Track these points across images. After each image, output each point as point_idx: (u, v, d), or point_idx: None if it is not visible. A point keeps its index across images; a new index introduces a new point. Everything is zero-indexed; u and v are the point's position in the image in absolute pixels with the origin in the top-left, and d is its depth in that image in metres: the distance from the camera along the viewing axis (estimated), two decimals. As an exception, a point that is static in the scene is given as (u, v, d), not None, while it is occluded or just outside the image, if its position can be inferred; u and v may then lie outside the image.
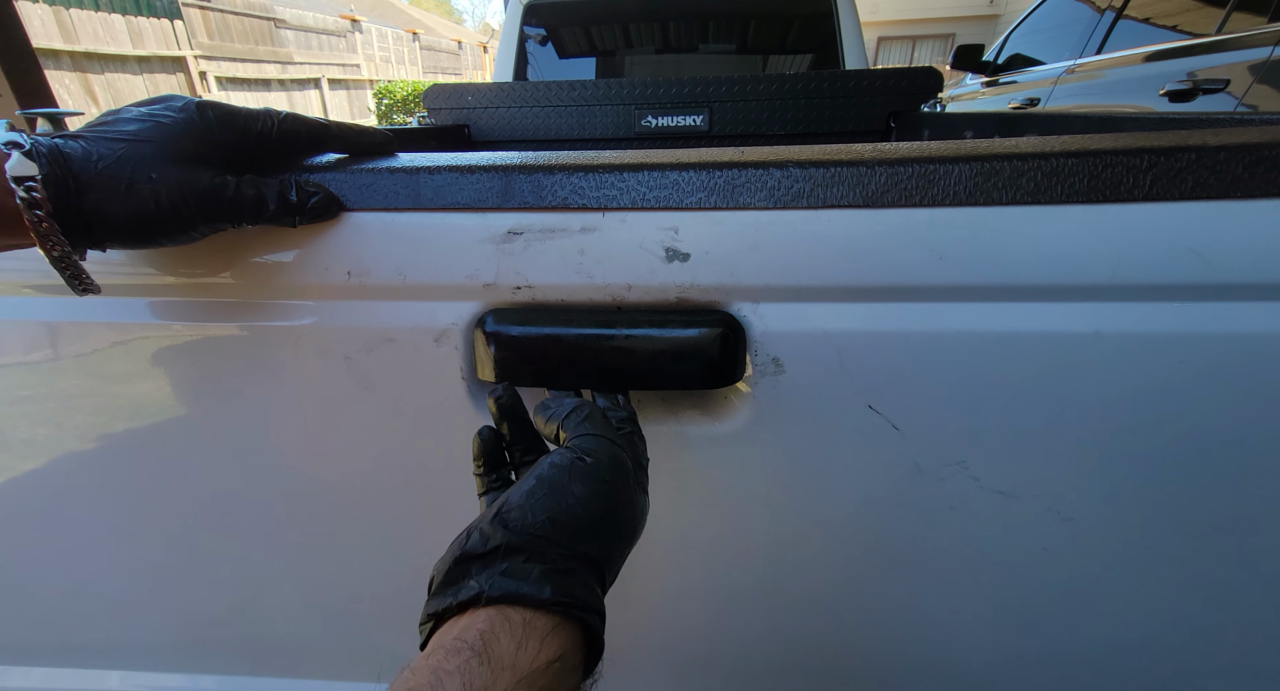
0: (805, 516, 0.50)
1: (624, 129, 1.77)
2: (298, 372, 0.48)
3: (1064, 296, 0.39)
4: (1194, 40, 2.11)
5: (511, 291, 0.43)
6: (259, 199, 0.39)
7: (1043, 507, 0.46)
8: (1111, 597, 0.49)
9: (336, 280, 0.44)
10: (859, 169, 0.39)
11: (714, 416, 0.48)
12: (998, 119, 1.15)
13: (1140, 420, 0.42)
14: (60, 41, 5.97)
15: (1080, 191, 0.37)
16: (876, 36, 14.74)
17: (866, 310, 0.42)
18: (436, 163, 0.43)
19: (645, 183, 0.41)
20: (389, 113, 9.65)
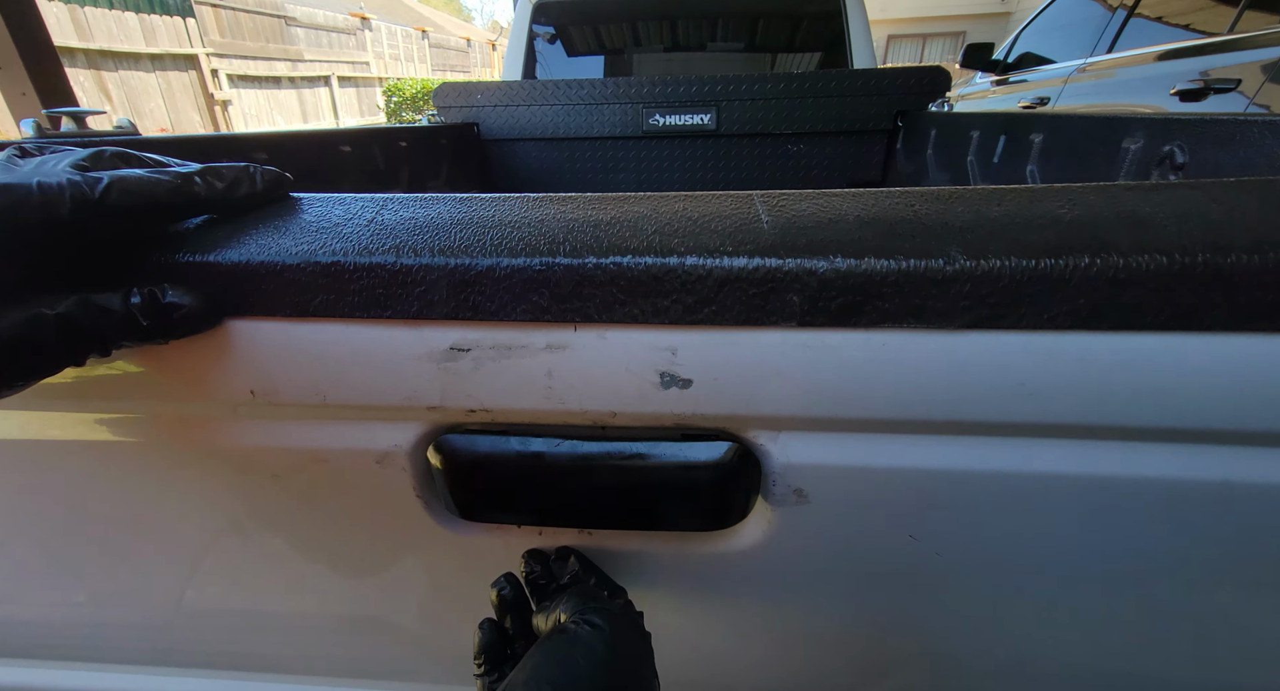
0: (827, 636, 0.45)
1: (631, 127, 1.78)
2: (223, 490, 0.41)
3: (1187, 439, 0.32)
4: (1205, 39, 2.09)
5: (464, 413, 0.35)
6: (98, 329, 0.28)
7: (1094, 652, 0.41)
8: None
9: (242, 398, 0.35)
10: (934, 267, 0.29)
11: (724, 537, 0.41)
12: (1004, 119, 1.15)
13: (1245, 567, 0.36)
14: (75, 39, 6.04)
15: (1247, 316, 0.28)
16: (886, 34, 14.65)
17: (925, 443, 0.34)
18: (346, 246, 0.32)
19: (628, 289, 0.31)
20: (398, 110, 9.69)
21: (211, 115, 7.78)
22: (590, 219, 0.34)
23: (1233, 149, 0.66)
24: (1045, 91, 3.01)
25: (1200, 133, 0.70)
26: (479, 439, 0.36)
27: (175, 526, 0.44)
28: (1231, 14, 2.06)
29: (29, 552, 0.47)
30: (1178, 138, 0.73)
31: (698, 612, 0.45)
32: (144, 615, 0.50)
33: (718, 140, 1.80)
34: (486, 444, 0.36)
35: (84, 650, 0.54)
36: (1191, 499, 0.33)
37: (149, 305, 0.29)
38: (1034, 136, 1.05)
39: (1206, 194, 0.33)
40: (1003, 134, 1.16)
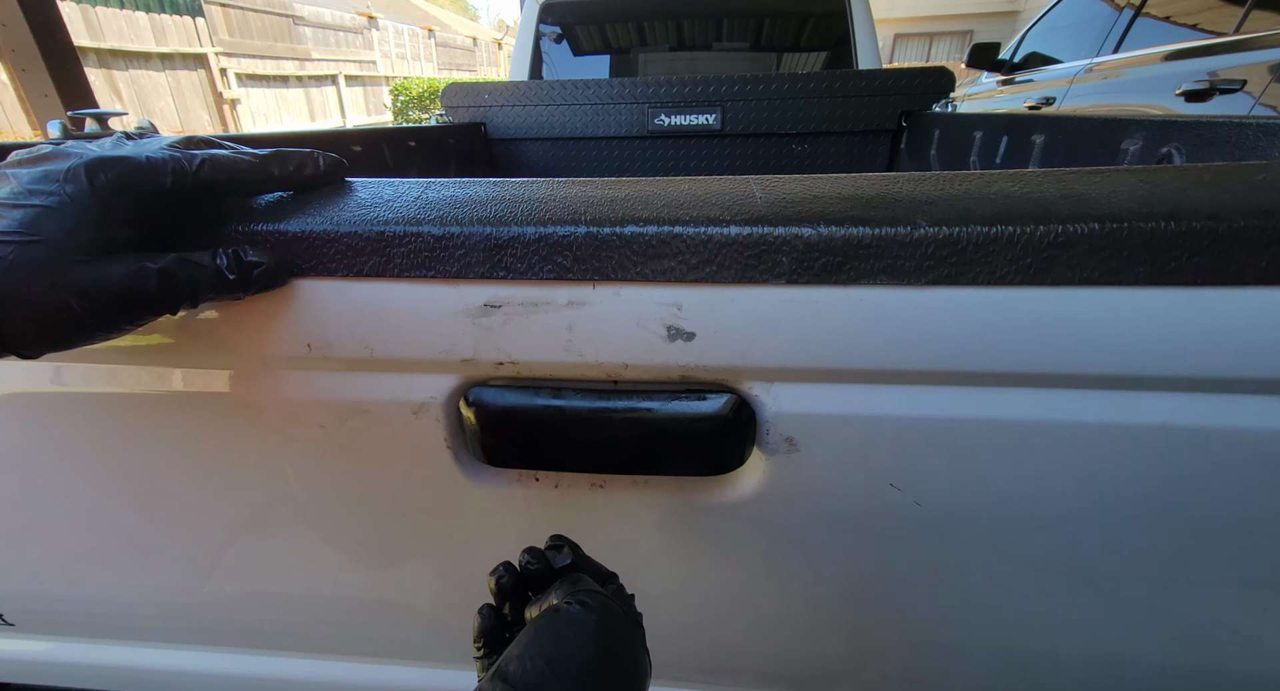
0: (816, 584, 0.47)
1: (637, 127, 1.79)
2: (275, 439, 0.45)
3: (1132, 386, 0.36)
4: (1211, 40, 2.09)
5: (493, 366, 0.39)
6: (192, 282, 0.33)
7: (1065, 582, 0.44)
8: (1125, 664, 0.49)
9: (297, 352, 0.40)
10: (904, 232, 0.33)
11: (722, 488, 0.45)
12: (1006, 120, 1.16)
13: (1202, 510, 0.39)
14: (87, 38, 6.10)
15: (1175, 273, 0.32)
16: (893, 33, 14.61)
17: (900, 393, 0.38)
18: (395, 217, 0.37)
19: (640, 250, 0.35)
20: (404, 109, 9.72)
21: (220, 114, 7.83)
22: (607, 196, 0.39)
23: (1229, 150, 0.67)
24: (1051, 92, 3.01)
25: (1198, 135, 0.71)
26: (506, 391, 0.40)
27: (228, 480, 0.47)
28: (1238, 14, 2.06)
29: (108, 498, 0.51)
30: (1176, 139, 0.74)
31: (700, 563, 0.47)
32: (203, 556, 0.54)
33: (723, 140, 1.81)
34: (512, 396, 0.40)
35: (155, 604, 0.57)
36: (1134, 442, 0.37)
37: (233, 263, 0.34)
38: (1035, 137, 1.06)
39: (1137, 177, 0.37)
40: (1005, 135, 1.17)
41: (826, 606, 0.48)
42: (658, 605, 0.47)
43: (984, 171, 0.40)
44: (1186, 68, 2.10)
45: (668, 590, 0.49)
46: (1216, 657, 0.47)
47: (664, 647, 0.48)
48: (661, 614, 0.48)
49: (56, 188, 0.30)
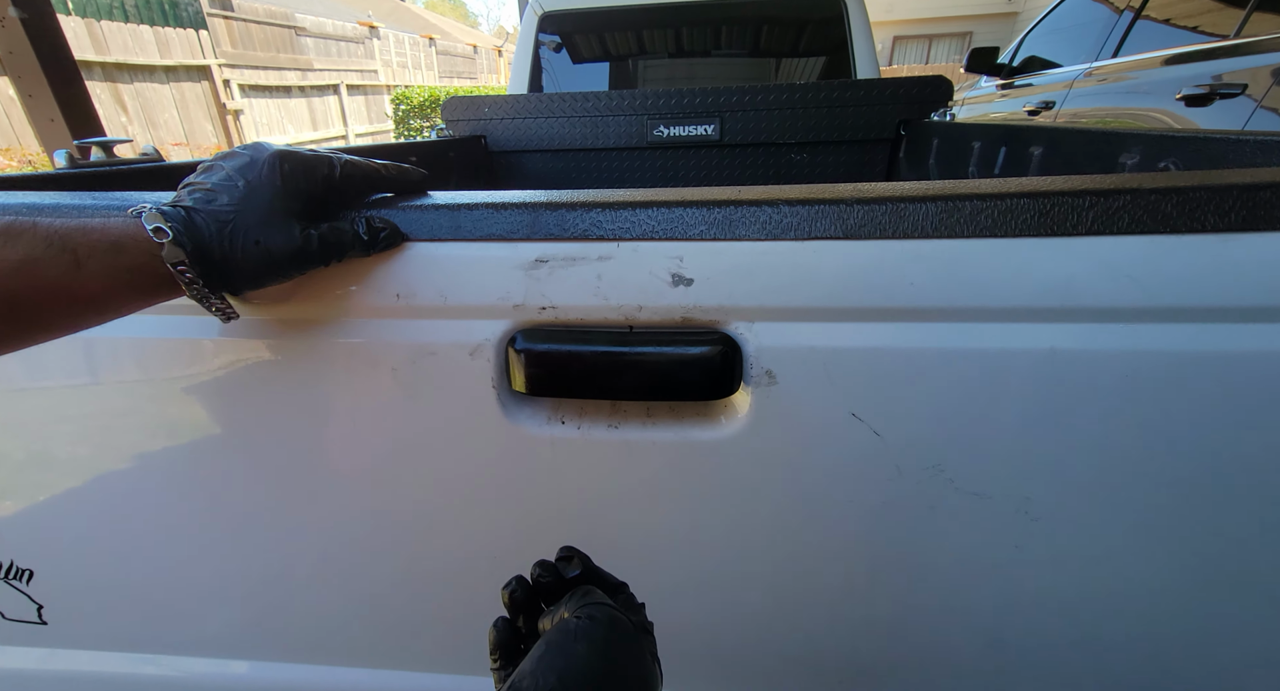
0: (798, 515, 0.54)
1: (637, 138, 1.80)
2: (350, 383, 0.53)
3: (1022, 318, 0.45)
4: (1212, 43, 2.09)
5: (537, 311, 0.49)
6: (340, 243, 0.46)
7: (1013, 508, 0.50)
8: (1084, 594, 0.54)
9: (387, 302, 0.50)
10: (839, 207, 0.45)
11: (715, 423, 0.52)
12: (1004, 130, 1.17)
13: (1091, 426, 0.46)
14: (92, 53, 6.15)
15: (1030, 226, 0.43)
16: (892, 36, 14.62)
17: (849, 329, 0.46)
18: (474, 200, 0.49)
19: (654, 217, 0.47)
20: (406, 118, 9.76)
21: (224, 125, 7.88)
22: (629, 192, 0.50)
23: (1226, 166, 0.68)
24: (1050, 96, 3.00)
25: (1194, 151, 0.71)
26: (543, 335, 0.50)
27: (312, 416, 0.56)
28: (1238, 17, 2.06)
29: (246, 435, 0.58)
30: (1172, 154, 0.75)
31: (704, 494, 0.54)
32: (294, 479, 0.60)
33: (722, 150, 1.82)
34: (549, 338, 0.49)
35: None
36: (1031, 364, 0.45)
37: (368, 228, 0.47)
38: (1034, 149, 1.07)
39: (1004, 181, 0.47)
40: (1003, 145, 1.17)
41: (806, 534, 0.55)
42: (663, 538, 0.57)
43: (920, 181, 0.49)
44: (1187, 72, 2.10)
45: (674, 522, 0.56)
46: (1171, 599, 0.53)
47: (666, 572, 0.58)
48: (665, 545, 0.57)
49: (258, 172, 0.43)
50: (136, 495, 0.61)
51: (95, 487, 0.61)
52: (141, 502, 0.61)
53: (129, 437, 0.58)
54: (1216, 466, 0.46)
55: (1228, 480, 0.47)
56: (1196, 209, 0.41)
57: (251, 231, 0.42)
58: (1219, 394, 0.44)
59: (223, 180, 0.43)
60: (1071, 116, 2.78)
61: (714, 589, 0.59)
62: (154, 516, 0.62)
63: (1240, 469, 0.46)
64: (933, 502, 0.51)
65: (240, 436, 0.57)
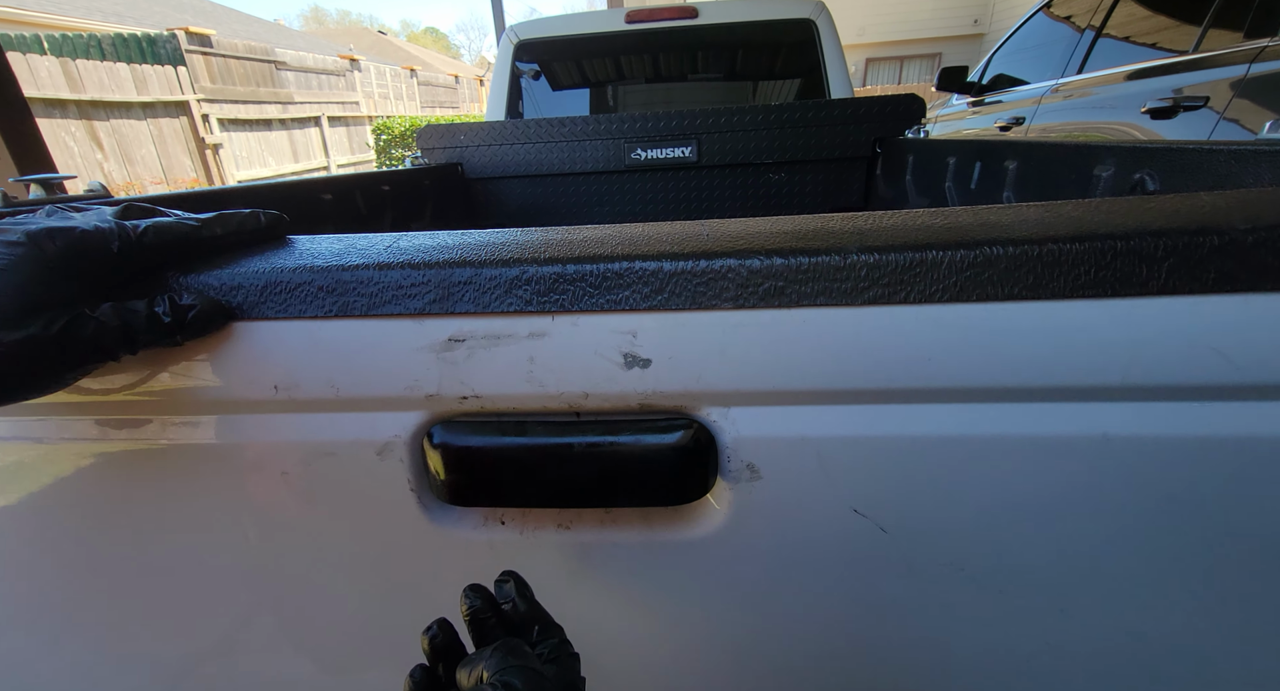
0: (788, 622, 0.46)
1: (614, 162, 1.80)
2: (233, 489, 0.44)
3: (1069, 398, 0.37)
4: (1173, 58, 2.15)
5: (457, 401, 0.40)
6: (125, 329, 0.35)
7: (1046, 604, 0.43)
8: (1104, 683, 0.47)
9: (264, 395, 0.41)
10: (835, 259, 0.35)
11: (687, 523, 0.44)
12: (978, 146, 1.17)
13: (1151, 520, 0.39)
14: (67, 91, 6.13)
15: (1087, 285, 0.34)
16: (865, 58, 15.03)
17: (849, 413, 0.39)
18: (361, 259, 0.39)
19: (596, 282, 0.37)
20: (387, 148, 9.82)
21: (203, 159, 7.86)
22: (566, 239, 0.42)
23: (1200, 176, 0.67)
24: (1020, 112, 3.07)
25: (1169, 161, 0.71)
26: (468, 429, 0.41)
27: (185, 531, 0.47)
28: (1195, 33, 2.12)
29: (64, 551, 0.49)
30: (1147, 166, 0.74)
31: (671, 602, 0.46)
32: (157, 615, 0.52)
33: (699, 172, 1.82)
34: (474, 434, 0.41)
35: None
36: (1080, 452, 0.37)
37: (168, 308, 0.37)
38: (1008, 163, 1.06)
39: (1044, 209, 0.40)
40: (978, 160, 1.17)
41: (799, 641, 0.47)
42: (627, 649, 0.48)
43: (914, 210, 0.42)
44: (1150, 86, 2.15)
45: (639, 633, 0.48)
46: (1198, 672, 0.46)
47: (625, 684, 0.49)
48: (631, 658, 0.49)
49: (7, 253, 0.33)
50: None
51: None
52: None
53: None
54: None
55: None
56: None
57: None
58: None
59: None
60: (1041, 131, 2.83)
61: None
62: None
63: None
64: (950, 600, 0.43)
65: (102, 556, 0.48)
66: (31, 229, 0.34)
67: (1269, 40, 1.77)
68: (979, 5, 13.60)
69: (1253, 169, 0.61)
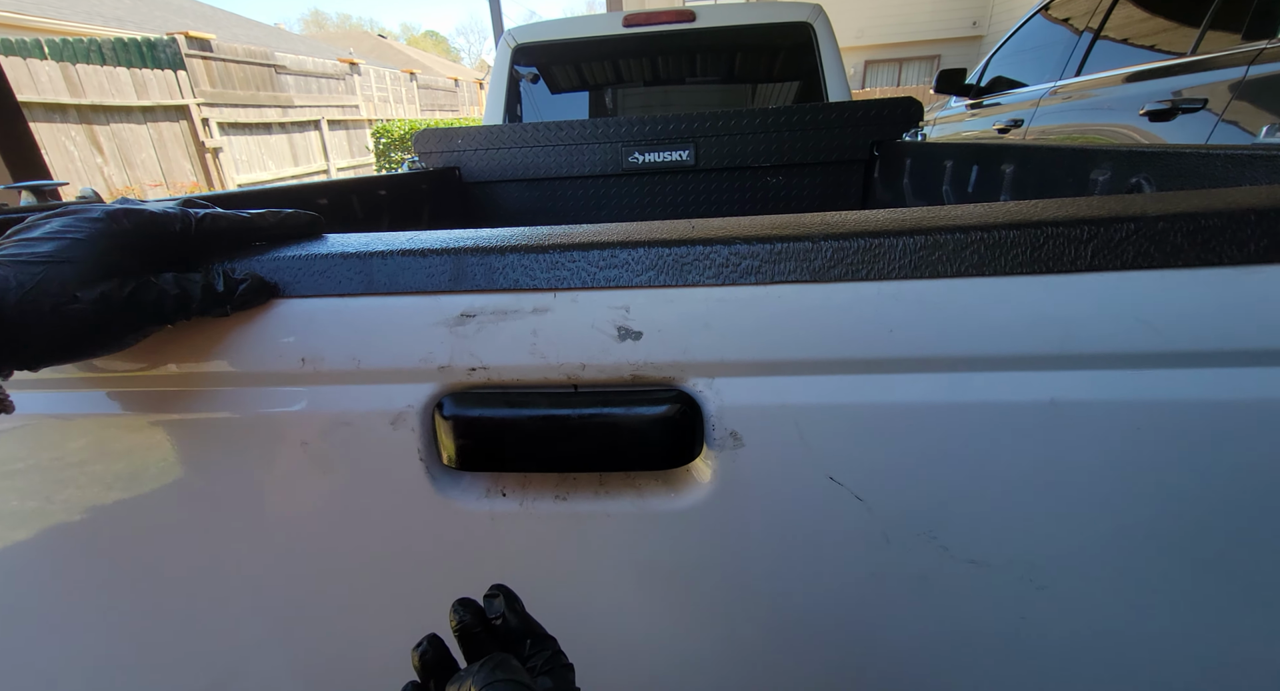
0: (771, 590, 0.48)
1: (612, 166, 1.80)
2: (255, 459, 0.47)
3: (1017, 366, 0.39)
4: (1171, 61, 2.14)
5: (466, 373, 0.43)
6: (183, 296, 0.39)
7: (1016, 576, 0.45)
8: (1091, 666, 0.48)
9: (291, 367, 0.44)
10: (805, 244, 0.39)
11: (675, 492, 0.47)
12: (975, 149, 1.16)
13: (1101, 484, 0.41)
14: (67, 96, 6.14)
15: (1024, 263, 0.38)
16: (864, 60, 15.05)
17: (823, 382, 0.41)
18: (387, 247, 0.43)
19: (594, 263, 0.41)
20: (387, 151, 9.83)
21: (203, 163, 7.87)
22: (568, 230, 0.45)
23: (1197, 180, 0.66)
24: (1019, 114, 3.07)
25: (1165, 165, 0.70)
26: (475, 399, 0.44)
27: (217, 496, 0.49)
28: (1193, 35, 2.12)
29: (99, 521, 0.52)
30: (1144, 170, 0.74)
31: (661, 571, 0.48)
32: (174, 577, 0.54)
33: (697, 175, 1.82)
34: (480, 404, 0.44)
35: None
36: (1031, 418, 0.40)
37: (221, 280, 0.41)
38: (1005, 167, 1.06)
39: (990, 206, 0.43)
40: (975, 164, 1.17)
41: (783, 608, 0.49)
42: (621, 617, 0.51)
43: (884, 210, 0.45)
44: (1148, 88, 2.15)
45: (632, 601, 0.50)
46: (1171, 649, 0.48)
47: (626, 658, 0.52)
48: (624, 625, 0.51)
49: (88, 226, 0.37)
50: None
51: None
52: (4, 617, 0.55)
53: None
54: (1239, 523, 0.41)
55: (1252, 538, 0.42)
56: (1211, 238, 0.36)
57: (69, 285, 0.35)
58: (1240, 445, 0.39)
59: (40, 233, 0.37)
60: (1040, 133, 2.83)
61: (682, 674, 0.53)
62: (29, 628, 0.56)
63: (1265, 525, 0.41)
64: (925, 572, 0.45)
65: (135, 521, 0.51)
66: (109, 208, 0.39)
67: (1267, 42, 1.76)
68: (977, 7, 13.62)
69: (1249, 173, 0.61)
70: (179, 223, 0.41)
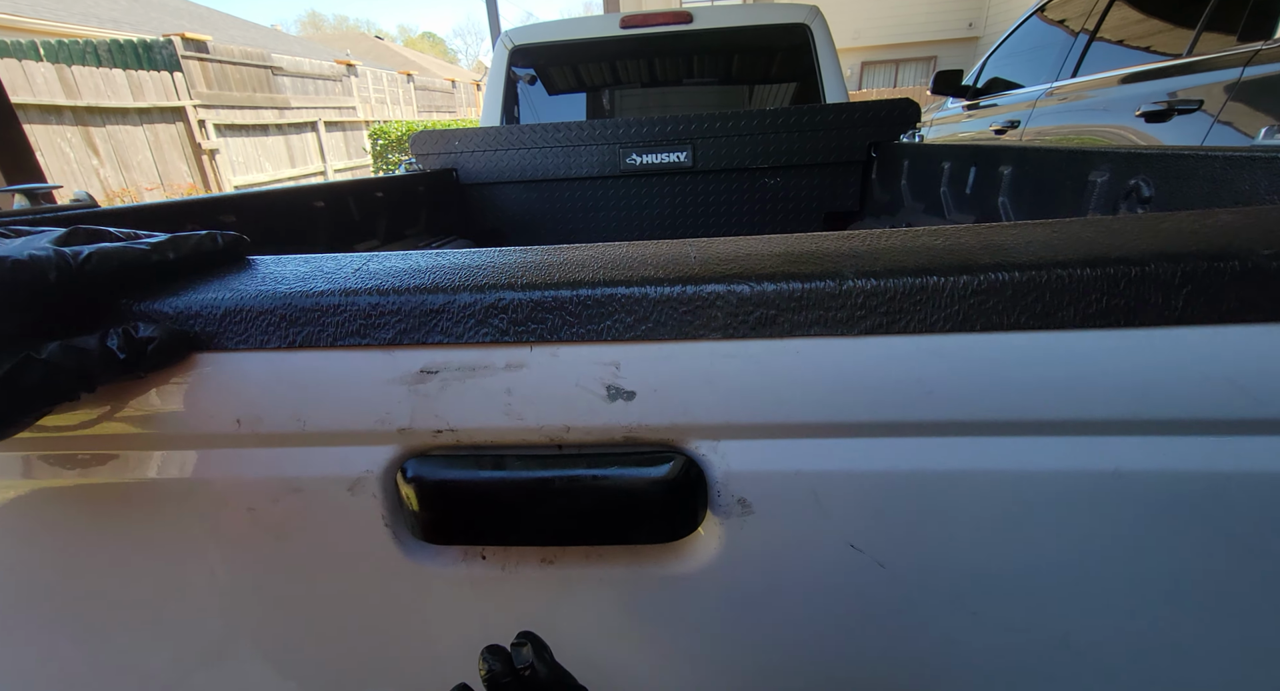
0: (781, 659, 0.44)
1: (609, 167, 1.79)
2: (199, 527, 0.42)
3: (1077, 431, 0.35)
4: (1167, 62, 2.15)
5: (431, 435, 0.38)
6: (80, 368, 0.33)
7: (1052, 643, 0.41)
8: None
9: (225, 429, 0.38)
10: (830, 286, 0.34)
11: (677, 558, 0.42)
12: (973, 151, 1.16)
13: (1156, 559, 0.37)
14: (63, 97, 6.12)
15: (1096, 315, 0.32)
16: (860, 61, 15.08)
17: (845, 446, 0.37)
18: (327, 285, 0.37)
19: (576, 312, 0.35)
20: (384, 153, 9.82)
21: (199, 165, 7.85)
22: (545, 261, 0.40)
23: (1195, 181, 0.66)
24: (1015, 115, 3.08)
25: (1164, 166, 0.70)
26: (444, 463, 0.39)
27: (150, 569, 0.44)
28: (1189, 37, 2.12)
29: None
30: (1142, 171, 0.73)
31: (661, 641, 0.44)
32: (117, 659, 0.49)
33: (695, 176, 1.81)
34: (451, 468, 0.39)
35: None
36: (1090, 489, 0.35)
37: (124, 342, 0.34)
38: (1003, 168, 1.06)
39: (1051, 229, 0.38)
40: (973, 165, 1.17)
41: (796, 678, 0.45)
42: (616, 688, 0.46)
43: (912, 228, 0.41)
44: (1144, 90, 2.15)
45: (628, 671, 0.46)
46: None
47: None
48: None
49: None
50: None
51: None
52: None
53: None
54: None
55: None
56: None
57: None
58: None
59: None
60: (1036, 134, 2.84)
61: None
62: None
63: None
64: (952, 636, 0.41)
65: (65, 599, 0.46)
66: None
67: (1263, 43, 1.77)
68: (974, 9, 13.66)
69: (1248, 175, 0.60)
70: (54, 269, 0.33)
